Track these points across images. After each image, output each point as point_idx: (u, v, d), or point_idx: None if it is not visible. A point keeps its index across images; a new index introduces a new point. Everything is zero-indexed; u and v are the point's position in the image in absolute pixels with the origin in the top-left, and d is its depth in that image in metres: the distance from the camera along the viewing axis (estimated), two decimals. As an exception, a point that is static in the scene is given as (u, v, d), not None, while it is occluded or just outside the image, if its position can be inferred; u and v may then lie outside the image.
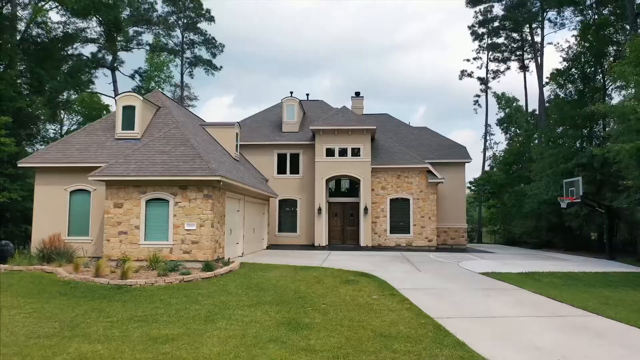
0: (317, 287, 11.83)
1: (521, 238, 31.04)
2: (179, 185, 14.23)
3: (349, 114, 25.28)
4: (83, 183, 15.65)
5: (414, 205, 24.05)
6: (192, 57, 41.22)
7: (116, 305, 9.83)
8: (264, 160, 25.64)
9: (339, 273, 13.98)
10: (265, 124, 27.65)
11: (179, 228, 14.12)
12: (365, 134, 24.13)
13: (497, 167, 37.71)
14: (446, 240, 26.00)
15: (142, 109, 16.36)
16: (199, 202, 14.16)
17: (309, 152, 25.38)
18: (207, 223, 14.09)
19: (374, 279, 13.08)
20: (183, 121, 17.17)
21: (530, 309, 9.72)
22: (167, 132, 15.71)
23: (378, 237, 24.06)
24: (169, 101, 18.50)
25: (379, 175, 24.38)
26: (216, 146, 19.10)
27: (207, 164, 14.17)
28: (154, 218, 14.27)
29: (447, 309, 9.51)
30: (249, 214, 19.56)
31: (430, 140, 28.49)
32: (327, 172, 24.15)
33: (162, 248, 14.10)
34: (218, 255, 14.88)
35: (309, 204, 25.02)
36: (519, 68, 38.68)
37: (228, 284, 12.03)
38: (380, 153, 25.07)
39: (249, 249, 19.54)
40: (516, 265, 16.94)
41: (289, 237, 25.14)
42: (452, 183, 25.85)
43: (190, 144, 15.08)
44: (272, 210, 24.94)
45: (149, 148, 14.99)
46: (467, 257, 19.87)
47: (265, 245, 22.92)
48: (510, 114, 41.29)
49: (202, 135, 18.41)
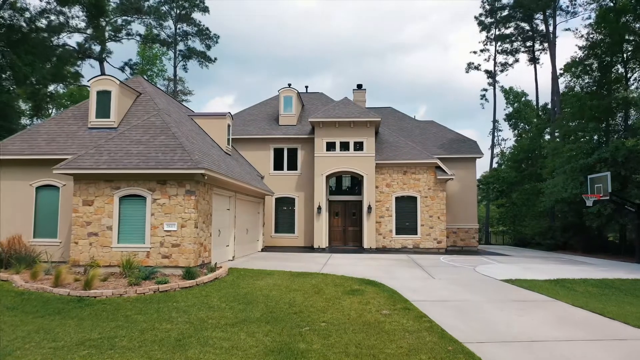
0: (316, 298, 9.99)
1: (533, 239, 29.17)
2: (158, 180, 12.39)
3: (350, 105, 23.46)
4: (51, 178, 13.82)
5: (422, 203, 22.22)
6: (186, 50, 39.34)
7: (69, 324, 8.01)
8: (259, 156, 23.82)
9: (341, 280, 12.15)
10: (261, 117, 25.82)
11: (157, 229, 12.29)
12: (369, 126, 22.30)
13: (506, 165, 35.85)
14: (456, 242, 24.16)
15: (119, 95, 14.53)
16: (181, 199, 12.33)
17: (308, 147, 23.56)
18: (190, 223, 12.25)
19: (382, 287, 11.25)
20: (166, 109, 15.33)
21: (578, 329, 7.88)
22: (146, 120, 13.87)
23: (383, 238, 22.23)
24: (152, 87, 16.70)
25: (384, 172, 22.54)
26: (205, 138, 17.27)
27: (190, 155, 12.34)
28: (128, 217, 12.44)
29: (477, 330, 7.68)
30: (241, 213, 17.73)
31: (438, 134, 26.67)
32: (327, 168, 22.32)
33: (138, 252, 12.26)
34: (203, 259, 13.05)
35: (308, 203, 23.20)
36: (529, 60, 36.82)
37: (211, 294, 10.20)
38: (385, 148, 23.24)
39: (241, 252, 17.70)
40: (540, 271, 15.10)
41: (286, 239, 23.31)
42: (462, 180, 24.03)
43: (172, 132, 13.24)
44: (268, 209, 23.12)
45: (123, 138, 13.15)
46: (482, 261, 18.04)
47: (260, 248, 21.08)
48: (519, 109, 39.47)
49: (189, 126, 16.58)
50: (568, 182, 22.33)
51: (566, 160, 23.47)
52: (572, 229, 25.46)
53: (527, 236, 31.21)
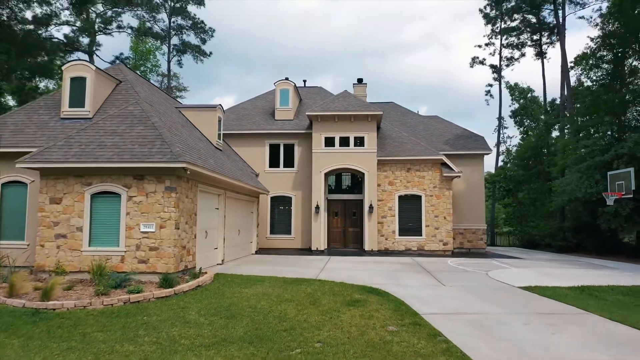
0: (311, 310, 8.62)
1: (543, 240, 27.76)
2: (134, 175, 11.02)
3: (350, 98, 22.08)
4: (18, 174, 12.44)
5: (427, 202, 20.84)
6: (180, 44, 37.93)
7: (12, 345, 6.65)
8: (254, 152, 22.45)
9: (340, 288, 10.77)
10: (256, 112, 24.45)
11: (133, 230, 10.91)
12: (370, 120, 20.92)
13: (512, 163, 34.45)
14: (463, 243, 22.78)
15: (96, 82, 13.15)
16: (160, 197, 10.95)
17: (306, 143, 22.19)
18: (170, 224, 10.87)
19: (387, 297, 9.88)
20: (148, 98, 13.97)
21: (629, 351, 6.50)
22: (124, 109, 12.50)
23: (385, 240, 20.85)
24: (134, 75, 15.34)
25: (386, 169, 21.17)
26: (193, 132, 15.91)
27: (170, 147, 10.96)
28: (101, 217, 11.06)
29: (504, 352, 6.30)
30: (232, 212, 16.36)
31: (443, 130, 25.29)
32: (326, 165, 20.95)
33: (112, 256, 10.89)
34: (186, 264, 11.67)
35: (306, 202, 21.83)
36: (536, 55, 35.37)
37: (189, 306, 8.82)
38: (387, 143, 21.86)
39: (232, 255, 16.33)
40: (559, 277, 13.72)
41: (282, 240, 21.93)
42: (469, 178, 22.65)
43: (151, 122, 11.86)
44: (262, 208, 21.74)
45: (97, 128, 11.78)
46: (493, 265, 16.65)
47: (254, 250, 19.70)
48: (525, 106, 38.09)
49: (175, 118, 15.21)
50: (582, 180, 20.95)
51: (580, 157, 22.08)
52: (584, 230, 24.07)
53: (535, 237, 29.78)
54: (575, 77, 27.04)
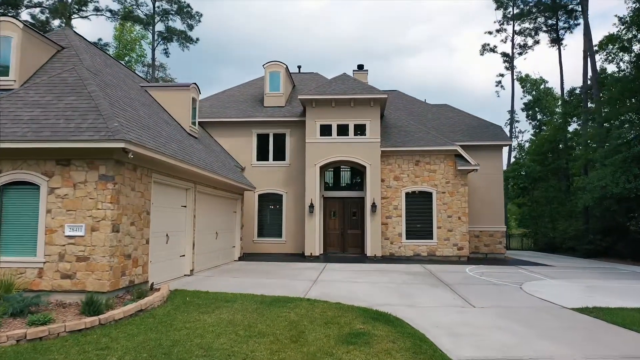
0: (291, 354, 5.78)
1: (564, 243, 24.94)
2: (58, 160, 8.18)
3: (350, 81, 19.25)
4: None
5: (438, 200, 17.99)
6: (165, 31, 35.07)
7: None
8: (239, 143, 19.62)
9: (335, 312, 7.92)
10: (243, 99, 21.62)
11: (55, 234, 8.06)
12: (373, 105, 18.09)
13: (528, 158, 31.58)
14: (478, 248, 19.91)
15: (24, 44, 10.30)
16: (92, 189, 8.11)
17: (299, 132, 19.35)
18: (105, 225, 8.02)
19: (401, 328, 7.03)
20: (94, 67, 11.09)
21: None
22: (55, 76, 9.66)
23: (390, 244, 17.99)
24: (82, 42, 12.50)
25: (391, 161, 18.33)
26: (160, 114, 13.09)
27: (106, 122, 8.12)
28: (12, 217, 8.22)
29: None
30: (206, 211, 13.53)
31: (454, 119, 22.45)
32: (321, 157, 18.11)
33: (26, 269, 8.04)
34: (132, 279, 8.82)
35: (299, 200, 19.00)
36: (551, 42, 32.53)
37: (114, 346, 5.97)
38: (393, 133, 19.03)
39: (206, 263, 13.49)
40: (614, 292, 10.87)
41: (272, 244, 19.08)
42: (486, 172, 19.79)
43: (88, 92, 9.02)
44: (249, 208, 18.90)
45: (15, 99, 8.94)
46: (523, 275, 13.80)
47: (237, 256, 16.86)
48: (538, 97, 35.26)
49: (135, 96, 12.38)
50: (618, 174, 18.11)
51: (613, 148, 19.26)
52: (614, 232, 21.22)
53: (554, 240, 26.96)
54: (600, 61, 24.20)
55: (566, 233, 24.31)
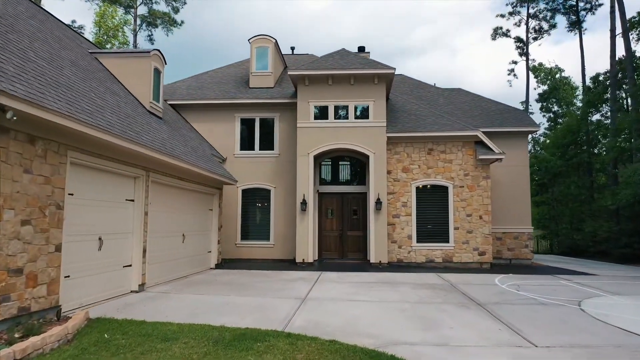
0: None
1: (592, 246, 22.10)
2: None
3: (350, 56, 16.38)
4: None
5: (456, 196, 15.12)
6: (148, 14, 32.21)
7: None
8: (220, 129, 16.75)
9: None
10: (227, 80, 18.75)
11: None
12: (378, 82, 15.22)
13: (548, 152, 28.69)
14: (501, 252, 17.00)
15: None
16: (-51, 168, 5.22)
17: (290, 117, 16.49)
18: (-31, 224, 5.12)
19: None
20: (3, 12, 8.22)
21: None
22: None
23: (398, 248, 15.10)
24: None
25: (399, 150, 15.46)
26: (110, 85, 10.22)
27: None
28: None
29: None
30: (167, 207, 10.66)
31: (470, 103, 19.57)
32: (316, 145, 15.23)
33: None
34: (28, 304, 5.94)
35: (289, 197, 16.12)
36: (570, 25, 29.73)
37: None
38: (400, 117, 16.16)
39: (168, 274, 10.59)
40: None
41: (258, 248, 16.19)
42: (509, 164, 16.91)
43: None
44: (230, 205, 16.03)
45: None
46: (570, 288, 10.89)
47: (214, 263, 13.97)
48: (555, 87, 32.40)
49: (80, 63, 9.49)
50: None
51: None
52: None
53: (577, 242, 24.10)
54: (634, 40, 21.33)
55: (595, 235, 21.43)
